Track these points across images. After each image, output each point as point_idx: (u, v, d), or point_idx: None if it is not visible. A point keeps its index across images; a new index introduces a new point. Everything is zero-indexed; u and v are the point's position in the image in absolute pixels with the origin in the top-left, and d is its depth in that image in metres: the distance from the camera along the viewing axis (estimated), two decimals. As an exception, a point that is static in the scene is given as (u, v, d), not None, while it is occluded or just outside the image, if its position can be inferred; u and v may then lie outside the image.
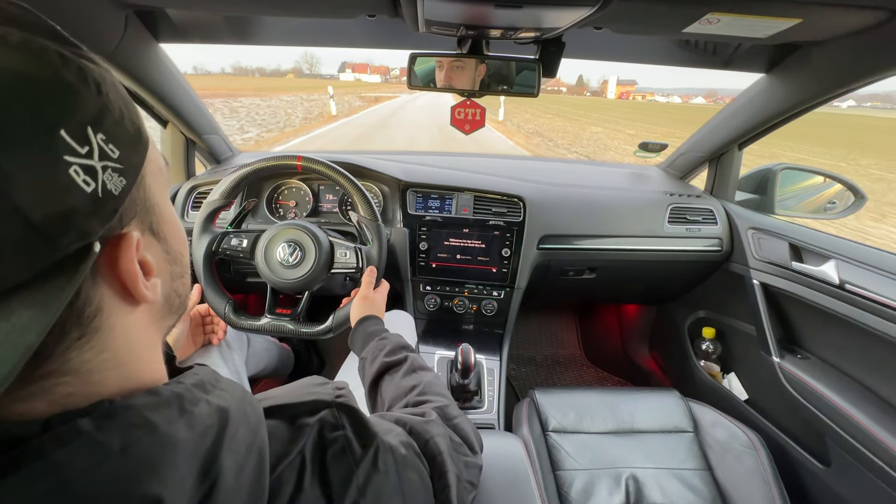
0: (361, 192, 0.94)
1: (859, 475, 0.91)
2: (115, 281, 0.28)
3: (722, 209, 1.33)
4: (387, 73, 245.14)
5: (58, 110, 0.23)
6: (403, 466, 0.40)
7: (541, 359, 1.98)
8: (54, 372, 0.25)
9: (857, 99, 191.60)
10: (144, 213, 0.30)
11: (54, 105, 0.23)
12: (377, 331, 0.77)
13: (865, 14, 0.71)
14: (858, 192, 1.24)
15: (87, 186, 0.23)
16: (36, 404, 0.24)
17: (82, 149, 0.23)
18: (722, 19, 0.73)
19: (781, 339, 1.17)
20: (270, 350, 1.28)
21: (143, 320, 0.31)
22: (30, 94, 0.22)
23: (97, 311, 0.26)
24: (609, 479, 0.91)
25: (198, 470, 0.26)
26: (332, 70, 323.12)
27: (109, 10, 0.85)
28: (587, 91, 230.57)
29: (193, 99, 1.22)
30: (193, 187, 1.25)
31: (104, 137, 0.25)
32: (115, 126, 0.26)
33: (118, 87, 0.27)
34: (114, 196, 0.25)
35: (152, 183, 0.31)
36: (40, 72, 0.23)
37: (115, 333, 0.28)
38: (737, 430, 1.00)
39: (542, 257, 1.29)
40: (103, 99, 0.25)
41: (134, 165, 0.27)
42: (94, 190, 0.24)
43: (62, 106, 0.23)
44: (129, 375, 0.29)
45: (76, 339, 0.25)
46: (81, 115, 0.24)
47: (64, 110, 0.23)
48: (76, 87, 0.24)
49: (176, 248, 0.35)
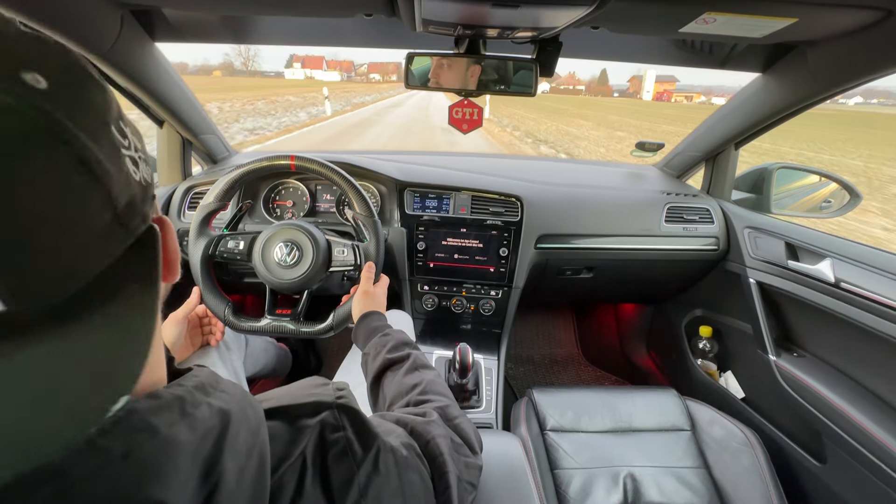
0: (356, 188, 0.94)
1: (855, 472, 0.92)
2: (164, 260, 0.30)
3: (718, 208, 1.34)
4: (351, 68, 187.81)
5: (105, 106, 0.26)
6: (404, 467, 0.41)
7: (539, 358, 1.98)
8: None
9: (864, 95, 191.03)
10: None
11: (102, 102, 0.25)
12: (380, 326, 0.78)
13: (860, 14, 0.72)
14: (853, 191, 1.25)
15: (136, 174, 0.26)
16: None
17: (125, 141, 0.26)
18: (718, 19, 0.74)
19: (778, 337, 1.17)
20: (268, 350, 1.27)
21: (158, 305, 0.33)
22: (85, 93, 0.24)
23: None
24: (607, 478, 0.91)
25: (199, 473, 0.26)
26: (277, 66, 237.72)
27: (105, 9, 0.85)
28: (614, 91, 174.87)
29: (190, 99, 1.22)
30: (190, 187, 1.25)
31: (130, 130, 0.27)
32: (128, 120, 0.28)
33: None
34: (150, 183, 0.29)
35: None
36: (83, 72, 0.25)
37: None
38: (733, 428, 1.00)
39: (540, 257, 1.29)
40: (112, 94, 0.27)
41: (148, 155, 0.30)
42: (141, 178, 0.27)
43: (105, 102, 0.26)
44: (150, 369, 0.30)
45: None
46: (115, 111, 0.26)
47: (107, 106, 0.26)
48: (105, 85, 0.26)
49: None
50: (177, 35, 1.03)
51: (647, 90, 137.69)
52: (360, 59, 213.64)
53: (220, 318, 0.92)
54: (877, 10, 0.70)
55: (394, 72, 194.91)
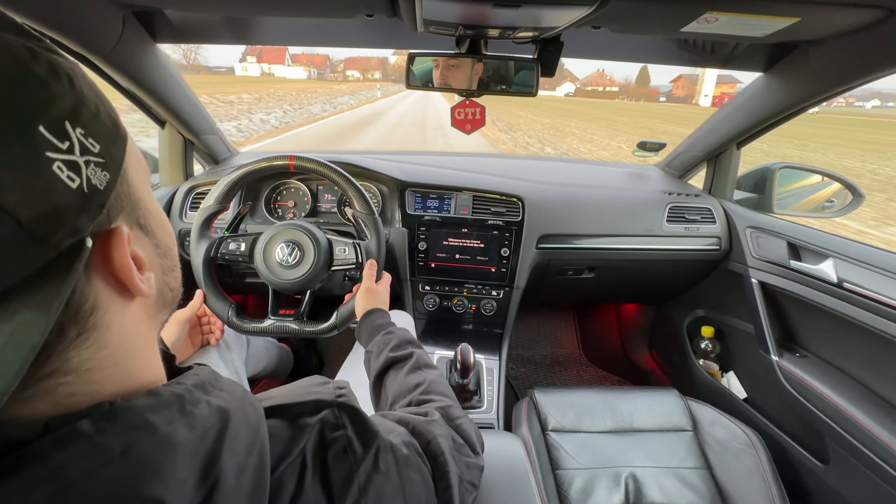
0: (356, 187, 0.94)
1: (858, 473, 0.91)
2: (109, 276, 0.27)
3: (720, 208, 1.34)
4: (325, 64, 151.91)
5: (33, 106, 0.22)
6: (405, 466, 0.40)
7: (540, 358, 1.98)
8: (55, 372, 0.25)
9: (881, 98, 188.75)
10: (131, 208, 0.30)
11: (29, 101, 0.22)
12: (384, 324, 0.77)
13: (862, 13, 0.72)
14: (856, 191, 1.25)
15: (71, 182, 0.23)
16: (38, 406, 0.24)
17: (63, 144, 0.23)
18: (720, 18, 0.74)
19: (780, 337, 1.17)
20: (270, 350, 1.27)
21: (138, 316, 0.31)
22: (3, 92, 0.21)
23: (93, 307, 0.26)
24: (608, 479, 0.91)
25: (198, 471, 0.26)
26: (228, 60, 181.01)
27: (107, 10, 0.85)
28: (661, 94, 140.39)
29: (191, 99, 1.22)
30: (192, 188, 1.25)
31: (83, 132, 0.24)
32: (93, 119, 0.25)
33: (90, 81, 0.27)
34: (99, 191, 0.25)
35: (135, 177, 0.30)
36: (10, 68, 0.22)
37: (113, 330, 0.28)
38: (736, 429, 1.00)
39: (541, 257, 1.29)
40: (77, 93, 0.25)
41: (115, 159, 0.27)
42: (80, 185, 0.24)
43: (37, 101, 0.23)
44: (128, 373, 0.29)
45: (75, 337, 0.25)
46: (58, 110, 0.23)
47: (39, 106, 0.22)
48: (48, 81, 0.23)
49: (164, 241, 0.34)
50: (178, 36, 1.03)
51: (706, 94, 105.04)
52: (338, 53, 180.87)
53: (223, 319, 0.92)
54: (879, 10, 0.70)
55: (377, 68, 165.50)
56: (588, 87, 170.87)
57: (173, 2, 0.89)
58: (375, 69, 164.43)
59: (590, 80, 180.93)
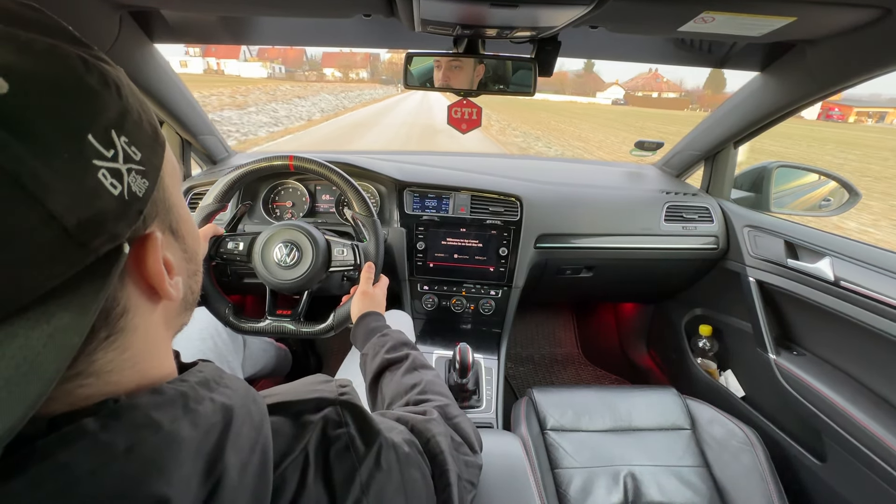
0: (355, 188, 0.94)
1: (855, 471, 0.92)
2: (141, 281, 0.28)
3: (718, 207, 1.34)
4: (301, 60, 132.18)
5: (85, 116, 0.23)
6: (406, 464, 0.41)
7: (539, 358, 1.98)
8: (80, 374, 0.25)
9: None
10: (165, 214, 0.30)
11: (82, 111, 0.23)
12: (379, 327, 0.77)
13: (859, 12, 0.72)
14: (853, 190, 1.25)
15: (114, 189, 0.24)
16: (54, 406, 0.24)
17: (108, 152, 0.24)
18: (717, 18, 0.74)
19: (777, 336, 1.17)
20: (267, 350, 1.27)
21: (161, 319, 0.31)
22: (59, 102, 0.22)
23: (124, 311, 0.27)
24: (607, 477, 0.91)
25: (202, 468, 0.26)
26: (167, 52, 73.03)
27: (104, 10, 0.84)
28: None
29: (189, 99, 1.22)
30: (190, 188, 1.25)
31: (127, 140, 0.25)
32: (136, 128, 0.26)
33: (134, 89, 0.27)
34: (138, 198, 0.26)
35: (170, 183, 0.31)
36: (67, 78, 0.23)
37: (138, 333, 0.28)
38: (734, 427, 1.00)
39: (540, 256, 1.29)
40: (123, 102, 0.25)
41: (154, 166, 0.28)
42: (121, 192, 0.24)
43: (89, 111, 0.23)
44: (144, 373, 0.29)
45: (104, 338, 0.26)
46: (106, 119, 0.24)
47: (91, 115, 0.23)
48: (99, 91, 0.24)
49: (192, 246, 0.35)
50: (175, 36, 1.03)
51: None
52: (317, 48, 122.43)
53: (221, 319, 0.92)
54: (875, 9, 0.70)
55: (363, 65, 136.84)
56: (637, 91, 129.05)
57: (170, 2, 0.89)
58: (361, 67, 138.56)
59: (639, 84, 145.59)
